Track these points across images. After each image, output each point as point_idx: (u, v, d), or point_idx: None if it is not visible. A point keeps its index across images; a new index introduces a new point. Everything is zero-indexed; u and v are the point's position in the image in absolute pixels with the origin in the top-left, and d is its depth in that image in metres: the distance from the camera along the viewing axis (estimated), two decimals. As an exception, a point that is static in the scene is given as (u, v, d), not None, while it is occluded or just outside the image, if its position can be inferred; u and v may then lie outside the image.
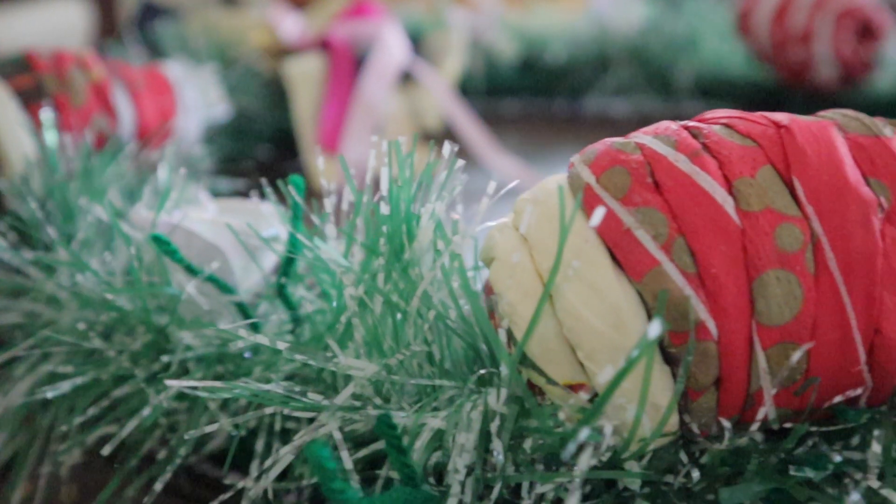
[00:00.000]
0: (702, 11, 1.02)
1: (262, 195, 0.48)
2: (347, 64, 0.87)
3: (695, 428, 0.34)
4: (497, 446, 0.34)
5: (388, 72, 0.85)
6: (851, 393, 0.34)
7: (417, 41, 0.97)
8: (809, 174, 0.33)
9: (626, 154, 0.34)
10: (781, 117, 0.36)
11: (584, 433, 0.30)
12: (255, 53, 0.88)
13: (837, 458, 0.35)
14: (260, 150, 0.81)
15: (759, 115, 0.36)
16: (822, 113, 0.37)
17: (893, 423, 0.34)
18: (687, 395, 0.33)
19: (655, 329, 0.29)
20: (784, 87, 0.96)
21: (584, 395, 0.33)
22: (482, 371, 0.36)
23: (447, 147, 0.38)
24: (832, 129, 0.35)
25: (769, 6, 0.93)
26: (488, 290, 0.37)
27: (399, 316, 0.37)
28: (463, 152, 0.87)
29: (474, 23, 1.02)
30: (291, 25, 0.91)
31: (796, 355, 0.32)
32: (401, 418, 0.36)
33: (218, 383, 0.34)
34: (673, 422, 0.34)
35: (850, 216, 0.32)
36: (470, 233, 0.38)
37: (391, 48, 0.86)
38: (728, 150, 0.34)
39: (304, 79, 0.85)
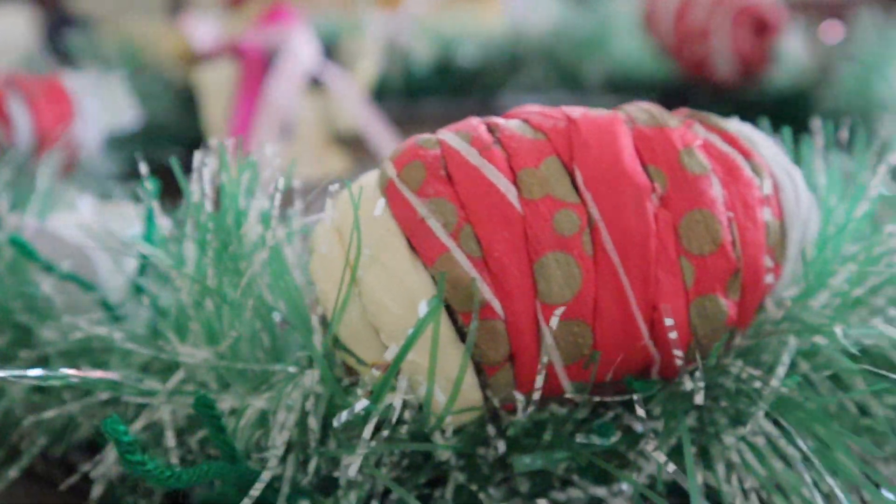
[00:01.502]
0: (612, 10, 1.05)
1: (138, 198, 0.50)
2: (259, 69, 0.89)
3: (496, 402, 0.37)
4: (312, 423, 0.36)
5: (296, 76, 0.87)
6: (643, 366, 0.37)
7: (333, 45, 0.99)
8: (589, 163, 0.36)
9: (425, 149, 0.37)
10: (575, 112, 0.38)
11: (359, 405, 0.32)
12: (167, 61, 0.90)
13: (640, 428, 0.38)
14: (171, 155, 0.83)
15: (557, 111, 0.39)
16: (624, 106, 0.40)
17: (679, 393, 0.37)
18: (484, 372, 0.36)
19: (423, 308, 0.32)
20: (688, 82, 0.99)
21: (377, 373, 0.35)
22: (299, 354, 0.38)
23: (269, 148, 0.41)
24: (619, 121, 0.38)
25: (672, 4, 0.96)
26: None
27: (228, 306, 0.39)
28: (374, 154, 0.89)
29: (390, 25, 1.05)
30: (204, 33, 0.93)
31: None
32: (229, 401, 0.38)
33: (44, 372, 0.36)
34: (475, 397, 0.36)
35: (625, 201, 0.35)
36: (293, 227, 0.40)
37: (300, 53, 0.89)
38: (517, 143, 0.36)
39: (216, 85, 0.88)
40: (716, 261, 0.35)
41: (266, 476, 0.35)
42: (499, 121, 0.38)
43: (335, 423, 0.32)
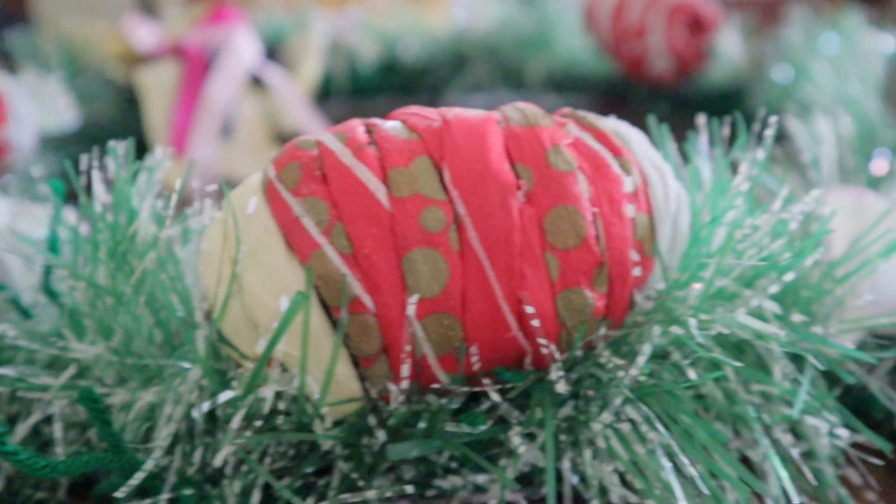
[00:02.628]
0: (554, 9, 1.06)
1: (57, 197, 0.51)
2: (200, 70, 0.90)
3: (374, 393, 0.38)
4: (196, 414, 0.38)
5: (236, 75, 0.88)
6: (516, 357, 0.38)
7: (278, 45, 1.01)
8: (457, 162, 0.37)
9: (303, 151, 0.38)
10: (451, 113, 0.40)
11: (223, 396, 0.34)
12: (108, 61, 0.91)
13: (519, 418, 0.39)
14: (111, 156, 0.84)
15: (435, 112, 0.40)
16: (503, 107, 0.41)
17: (549, 382, 0.38)
18: (360, 364, 0.37)
19: (284, 303, 0.33)
20: (627, 79, 1.01)
21: (248, 367, 0.37)
22: (186, 349, 0.39)
23: (159, 148, 0.42)
24: (492, 121, 0.39)
25: (609, 3, 0.98)
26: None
27: (118, 303, 0.40)
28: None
29: (336, 25, 1.06)
30: (146, 34, 0.94)
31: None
32: (122, 395, 0.40)
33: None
34: (354, 389, 0.38)
35: (490, 198, 0.36)
36: (189, 226, 0.42)
37: (241, 52, 0.90)
38: (391, 143, 0.38)
39: (157, 86, 0.88)
40: (580, 254, 0.37)
41: (148, 466, 0.37)
42: (378, 122, 0.40)
43: (194, 415, 0.33)
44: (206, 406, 0.34)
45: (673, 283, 0.40)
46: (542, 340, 0.37)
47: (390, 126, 0.39)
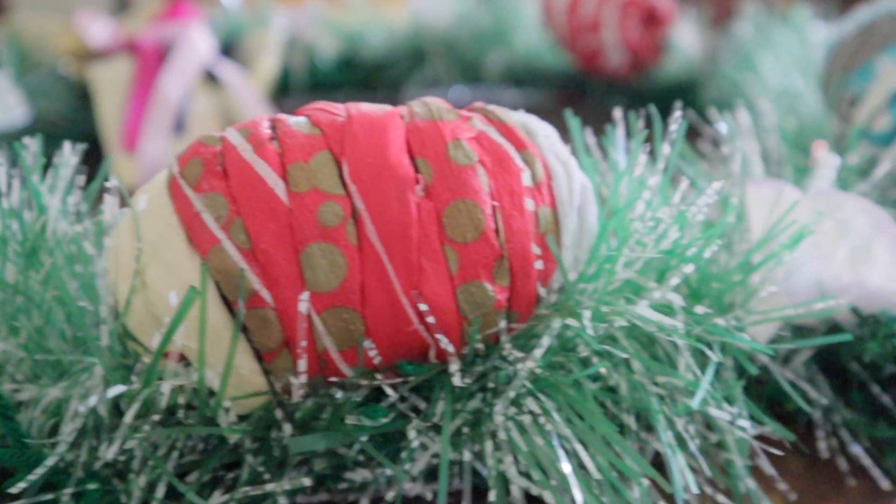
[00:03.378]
0: (512, 3, 1.06)
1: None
2: (153, 66, 0.90)
3: (278, 387, 0.38)
4: (101, 409, 0.38)
5: (188, 71, 0.88)
6: (420, 351, 0.39)
7: (235, 40, 1.00)
8: (356, 157, 0.37)
9: (206, 146, 0.38)
10: (356, 108, 0.40)
11: (113, 391, 0.34)
12: (61, 58, 0.91)
13: (432, 412, 0.39)
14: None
15: (342, 107, 0.40)
16: (412, 102, 0.41)
17: (448, 376, 0.39)
18: (263, 359, 0.37)
19: (174, 298, 0.34)
20: (584, 73, 1.01)
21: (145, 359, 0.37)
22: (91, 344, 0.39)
23: (68, 146, 0.42)
24: (395, 116, 0.39)
25: (565, -3, 0.98)
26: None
27: (27, 300, 0.40)
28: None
29: (295, 20, 1.06)
30: (100, 30, 0.94)
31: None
32: (32, 391, 0.40)
33: None
34: (259, 383, 0.38)
35: (388, 192, 0.37)
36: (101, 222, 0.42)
37: (194, 48, 0.90)
38: (292, 138, 0.38)
39: (109, 82, 0.88)
40: (479, 248, 0.37)
41: (50, 461, 0.37)
42: (284, 118, 0.40)
43: (81, 409, 0.34)
44: (93, 400, 0.34)
45: (579, 276, 0.40)
46: (439, 335, 0.37)
47: (295, 121, 0.39)
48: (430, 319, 0.36)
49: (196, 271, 0.36)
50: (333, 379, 0.38)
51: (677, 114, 0.45)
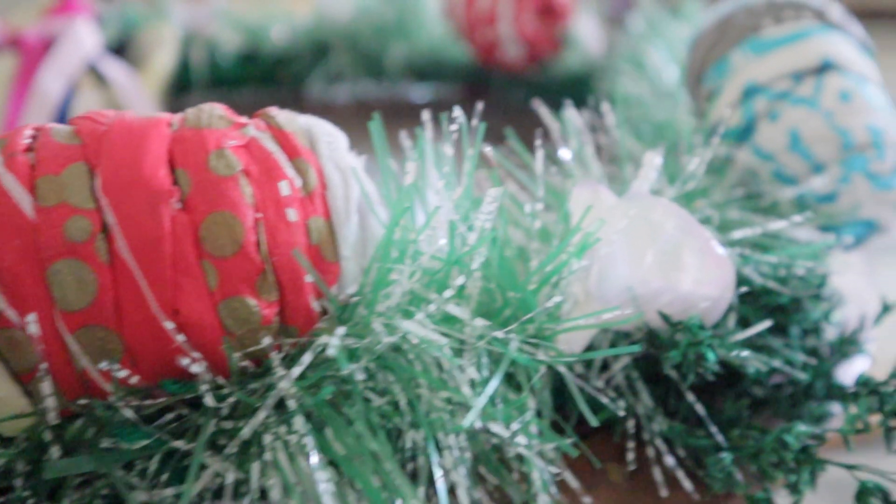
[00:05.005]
0: (415, -5, 1.05)
1: None
2: (37, 61, 0.88)
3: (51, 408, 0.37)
4: None
5: (70, 67, 0.86)
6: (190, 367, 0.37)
7: (130, 36, 0.98)
8: (109, 169, 0.36)
9: (-40, 157, 0.37)
10: (120, 116, 0.38)
11: None
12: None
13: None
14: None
15: (110, 115, 0.39)
16: (189, 108, 0.40)
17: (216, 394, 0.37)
18: (23, 380, 0.36)
19: None
20: (486, 66, 0.99)
21: None
22: None
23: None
24: (161, 124, 0.38)
25: (463, -11, 0.97)
26: None
27: None
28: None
29: (194, 15, 1.04)
30: (-17, 26, 0.91)
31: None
32: None
33: None
34: (20, 404, 0.36)
35: (139, 206, 0.35)
36: None
37: (77, 43, 0.88)
38: (48, 149, 0.36)
39: (-9, 78, 0.86)
40: (238, 262, 0.36)
41: None
42: (49, 127, 0.38)
43: None
44: None
45: (359, 288, 0.39)
46: (195, 353, 0.36)
47: (57, 131, 0.38)
48: (180, 337, 0.35)
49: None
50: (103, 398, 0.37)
51: (457, 115, 0.43)
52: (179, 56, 1.02)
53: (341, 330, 0.34)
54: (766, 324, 0.45)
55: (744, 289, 0.46)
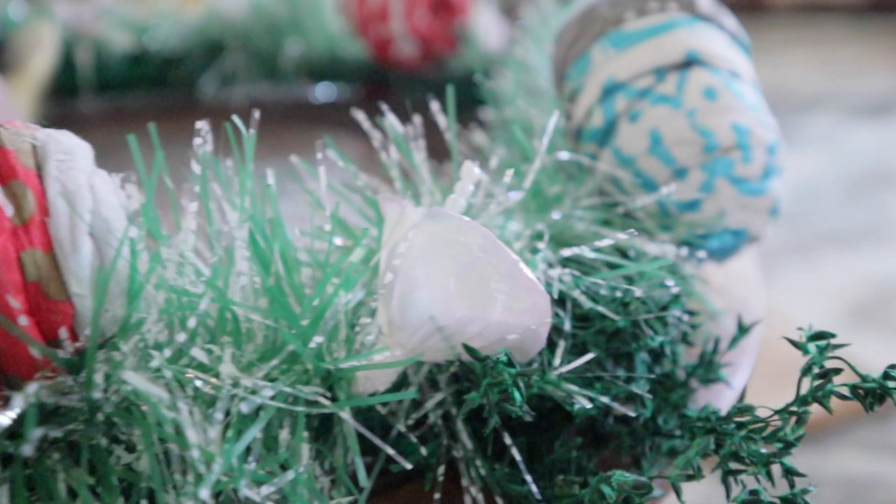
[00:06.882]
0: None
1: None
2: None
3: None
4: None
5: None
6: None
7: (8, 36, 0.93)
8: None
9: None
10: None
11: None
12: None
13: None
14: None
15: None
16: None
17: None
18: None
19: None
20: (381, 65, 0.94)
21: None
22: None
23: None
24: None
25: (355, -16, 0.91)
26: None
27: None
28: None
29: (78, 14, 0.98)
30: None
31: None
32: None
33: None
34: None
35: None
36: None
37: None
38: None
39: None
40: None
41: None
42: None
43: None
44: None
45: (119, 326, 0.34)
46: None
47: None
48: None
49: None
50: None
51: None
52: (63, 58, 0.96)
53: (33, 387, 0.29)
54: (590, 356, 0.40)
55: (565, 312, 0.41)
